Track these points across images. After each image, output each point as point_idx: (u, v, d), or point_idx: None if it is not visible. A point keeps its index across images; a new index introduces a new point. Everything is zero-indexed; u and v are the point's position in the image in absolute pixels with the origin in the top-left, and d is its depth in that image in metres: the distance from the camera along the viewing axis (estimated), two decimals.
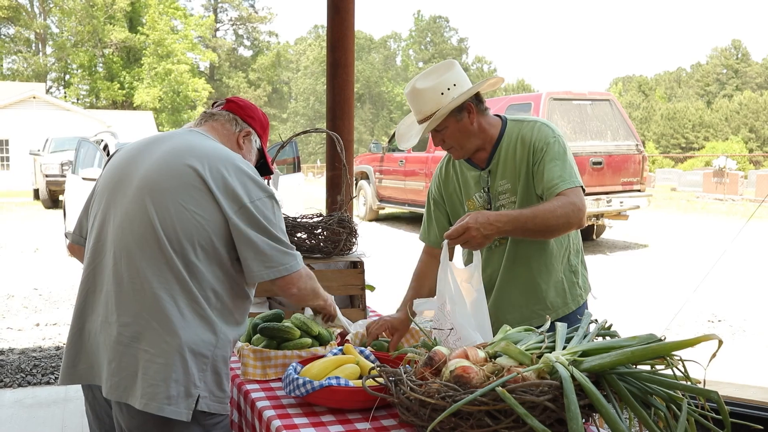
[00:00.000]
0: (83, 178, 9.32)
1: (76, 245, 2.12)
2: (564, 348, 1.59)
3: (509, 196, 2.38)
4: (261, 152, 2.22)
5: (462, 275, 2.14)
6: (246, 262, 1.88)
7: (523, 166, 2.32)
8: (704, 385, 1.50)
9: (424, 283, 2.53)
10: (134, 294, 1.80)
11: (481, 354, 1.61)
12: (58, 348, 5.79)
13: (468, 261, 2.50)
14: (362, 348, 2.14)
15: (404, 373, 1.58)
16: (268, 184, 3.01)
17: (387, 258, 7.22)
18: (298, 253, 1.97)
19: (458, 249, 2.30)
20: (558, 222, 2.15)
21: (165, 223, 1.81)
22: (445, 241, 2.11)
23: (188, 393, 1.77)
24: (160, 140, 1.99)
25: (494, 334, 2.37)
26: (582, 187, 2.23)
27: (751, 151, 45.97)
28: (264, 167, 2.28)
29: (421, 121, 2.34)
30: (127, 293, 1.80)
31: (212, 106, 2.20)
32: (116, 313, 1.81)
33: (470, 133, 2.32)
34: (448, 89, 2.25)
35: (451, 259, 2.13)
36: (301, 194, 10.79)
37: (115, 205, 1.89)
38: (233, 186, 1.86)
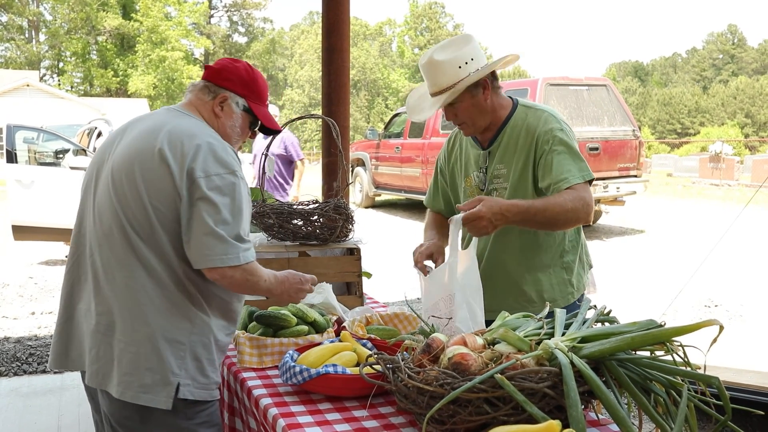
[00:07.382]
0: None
1: None
2: (563, 334, 1.57)
3: (502, 181, 2.36)
4: (251, 113, 2.04)
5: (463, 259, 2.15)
6: (185, 245, 1.79)
7: (522, 154, 2.30)
8: (704, 371, 1.49)
9: (433, 233, 2.54)
10: (107, 284, 1.82)
11: (480, 341, 1.59)
12: (53, 337, 5.77)
13: (467, 245, 2.45)
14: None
15: (402, 361, 1.56)
16: (265, 159, 2.98)
17: (383, 245, 7.22)
18: (246, 245, 1.80)
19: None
20: (567, 216, 2.15)
21: (128, 213, 1.79)
22: (458, 218, 2.09)
23: (166, 381, 1.77)
24: (135, 123, 1.96)
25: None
26: (591, 179, 2.21)
27: (746, 136, 46.01)
28: (265, 127, 2.11)
29: (434, 94, 2.30)
30: (102, 283, 1.83)
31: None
32: (94, 302, 1.84)
33: (483, 110, 2.31)
34: (466, 63, 2.22)
35: (459, 243, 2.12)
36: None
37: (91, 196, 1.91)
38: (191, 160, 1.76)
